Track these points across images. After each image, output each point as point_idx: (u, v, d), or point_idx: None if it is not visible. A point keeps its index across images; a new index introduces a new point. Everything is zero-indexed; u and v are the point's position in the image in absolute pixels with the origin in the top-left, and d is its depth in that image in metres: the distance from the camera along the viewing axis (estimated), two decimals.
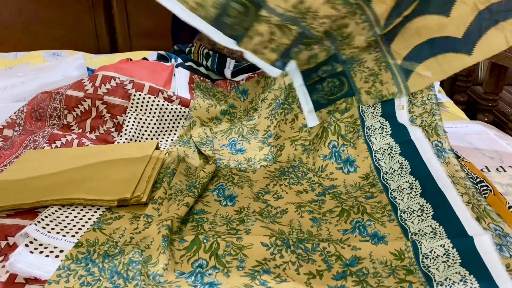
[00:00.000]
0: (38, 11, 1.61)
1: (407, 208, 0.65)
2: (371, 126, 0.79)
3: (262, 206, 0.70)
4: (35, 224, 0.61)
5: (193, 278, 0.55)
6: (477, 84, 1.74)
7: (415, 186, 0.67)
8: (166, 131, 0.97)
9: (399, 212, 0.65)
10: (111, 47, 1.73)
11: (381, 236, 0.61)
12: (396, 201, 0.67)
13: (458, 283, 0.51)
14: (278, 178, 0.78)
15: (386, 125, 0.79)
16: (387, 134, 0.77)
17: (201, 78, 1.11)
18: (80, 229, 0.64)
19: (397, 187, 0.69)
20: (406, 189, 0.68)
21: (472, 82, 1.69)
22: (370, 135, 0.78)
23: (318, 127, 0.84)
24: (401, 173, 0.71)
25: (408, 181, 0.69)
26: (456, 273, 0.53)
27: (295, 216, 0.67)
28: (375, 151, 0.76)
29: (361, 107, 0.81)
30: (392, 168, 0.72)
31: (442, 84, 1.77)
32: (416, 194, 0.66)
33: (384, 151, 0.76)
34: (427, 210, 0.62)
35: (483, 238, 0.55)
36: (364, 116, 0.80)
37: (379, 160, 0.75)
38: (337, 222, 0.66)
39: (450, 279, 0.52)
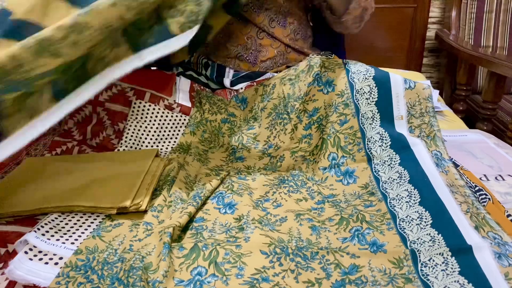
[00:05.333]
0: None
1: (406, 217, 0.65)
2: (371, 138, 0.80)
3: (261, 214, 0.70)
4: (35, 231, 0.61)
5: (192, 286, 0.55)
6: (476, 93, 1.75)
7: (414, 194, 0.67)
8: (167, 138, 0.97)
9: (398, 220, 0.65)
10: None
11: (380, 244, 0.61)
12: (395, 210, 0.67)
13: None
14: (277, 186, 0.78)
15: (385, 136, 0.79)
16: (387, 146, 0.78)
17: (201, 87, 1.12)
18: (79, 236, 0.64)
19: (396, 196, 0.69)
20: (405, 197, 0.68)
21: (471, 91, 1.70)
22: (371, 148, 0.79)
23: (318, 138, 0.84)
24: (400, 181, 0.71)
25: (407, 189, 0.69)
26: (455, 281, 0.53)
27: (294, 224, 0.67)
28: (375, 163, 0.77)
29: (361, 118, 0.81)
30: (391, 177, 0.73)
31: (441, 93, 1.78)
32: (415, 203, 0.66)
33: (384, 163, 0.76)
34: (426, 219, 0.63)
35: (482, 247, 0.55)
36: (364, 128, 0.81)
37: (379, 171, 0.75)
38: (336, 230, 0.66)
39: None
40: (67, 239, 0.63)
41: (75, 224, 0.67)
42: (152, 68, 1.16)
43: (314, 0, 1.19)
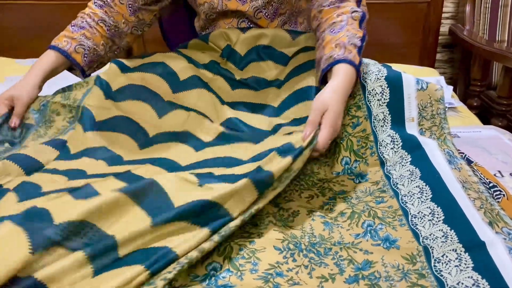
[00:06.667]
0: (54, 18, 1.64)
1: (418, 213, 0.65)
2: (382, 141, 0.79)
3: (274, 210, 0.70)
4: None
5: (207, 281, 0.56)
6: (490, 88, 1.73)
7: (426, 191, 0.67)
8: None
9: (410, 216, 0.65)
10: (126, 53, 1.76)
11: (393, 240, 0.62)
12: (407, 206, 0.67)
13: (471, 287, 0.51)
14: (289, 182, 0.79)
15: (396, 138, 0.78)
16: (398, 148, 0.77)
17: None
18: None
19: (408, 192, 0.69)
20: (417, 194, 0.68)
21: (486, 87, 1.68)
22: (383, 152, 0.78)
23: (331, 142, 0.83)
24: (411, 177, 0.71)
25: (419, 186, 0.69)
26: (468, 277, 0.53)
27: (307, 219, 0.68)
28: (387, 166, 0.76)
29: (373, 121, 0.81)
30: (402, 175, 0.73)
31: (455, 89, 1.77)
32: (427, 199, 0.66)
33: (395, 163, 0.76)
34: (438, 215, 0.63)
35: (495, 243, 0.55)
36: (376, 131, 0.80)
37: (390, 170, 0.75)
38: (348, 226, 0.66)
39: (462, 283, 0.52)
40: None
41: None
42: None
43: None
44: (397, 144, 0.78)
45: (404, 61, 1.57)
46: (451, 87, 1.34)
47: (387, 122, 0.80)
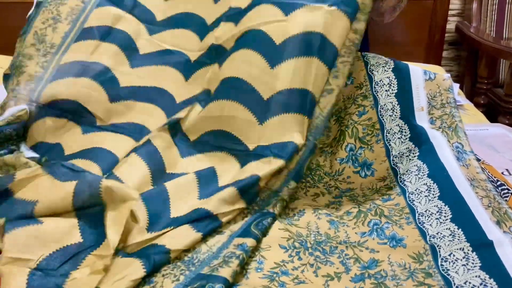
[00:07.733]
0: None
1: (425, 211, 0.64)
2: (390, 129, 0.79)
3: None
4: None
5: None
6: (497, 86, 1.72)
7: (433, 188, 0.67)
8: None
9: (417, 214, 0.65)
10: None
11: (399, 239, 0.61)
12: (414, 204, 0.67)
13: (478, 287, 0.51)
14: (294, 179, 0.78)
15: (405, 128, 0.78)
16: (406, 138, 0.77)
17: None
18: None
19: (415, 190, 0.69)
20: (424, 191, 0.67)
21: (493, 84, 1.67)
22: (390, 139, 0.78)
23: (336, 130, 0.84)
24: (419, 174, 0.70)
25: (426, 183, 0.68)
26: (476, 276, 0.52)
27: (312, 218, 0.68)
28: (393, 156, 0.76)
29: (380, 110, 0.81)
30: (410, 170, 0.72)
31: (461, 86, 1.75)
32: (434, 197, 0.66)
33: (402, 155, 0.75)
34: (446, 213, 0.62)
35: (503, 242, 0.55)
36: (383, 119, 0.80)
37: (397, 163, 0.75)
38: (354, 225, 0.66)
39: (469, 283, 0.52)
40: None
41: None
42: None
43: None
44: (405, 135, 0.77)
45: (410, 59, 1.55)
46: (458, 85, 1.33)
47: (396, 112, 0.80)
